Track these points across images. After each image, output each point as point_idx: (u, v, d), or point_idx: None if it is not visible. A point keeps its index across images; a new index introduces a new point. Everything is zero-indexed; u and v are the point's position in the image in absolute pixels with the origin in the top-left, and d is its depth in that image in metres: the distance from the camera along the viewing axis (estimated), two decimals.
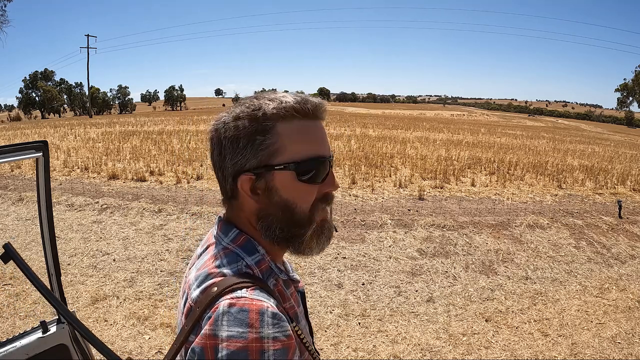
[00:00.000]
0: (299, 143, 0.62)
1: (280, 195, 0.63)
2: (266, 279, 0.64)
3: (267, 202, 0.64)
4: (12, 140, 12.99)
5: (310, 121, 0.64)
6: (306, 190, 0.64)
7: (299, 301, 0.73)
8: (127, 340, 2.80)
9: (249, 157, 0.62)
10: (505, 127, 29.14)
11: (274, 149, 0.61)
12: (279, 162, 0.62)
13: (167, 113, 47.07)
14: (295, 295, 0.72)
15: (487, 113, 71.30)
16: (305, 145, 0.63)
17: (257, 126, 0.61)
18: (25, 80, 58.12)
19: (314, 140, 0.64)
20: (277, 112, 0.61)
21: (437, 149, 12.02)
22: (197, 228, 4.96)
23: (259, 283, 0.59)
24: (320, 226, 0.67)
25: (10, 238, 4.62)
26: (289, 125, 0.62)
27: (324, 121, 0.68)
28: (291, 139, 0.62)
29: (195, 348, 0.54)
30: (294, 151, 0.62)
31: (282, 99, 0.63)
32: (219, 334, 0.52)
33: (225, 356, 0.51)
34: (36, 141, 1.32)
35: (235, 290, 0.56)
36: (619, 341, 2.97)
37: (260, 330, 0.52)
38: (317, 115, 0.65)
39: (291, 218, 0.64)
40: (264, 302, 0.55)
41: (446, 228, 5.14)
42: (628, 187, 8.13)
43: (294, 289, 0.72)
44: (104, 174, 7.71)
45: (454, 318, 3.23)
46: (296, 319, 0.67)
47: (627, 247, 4.85)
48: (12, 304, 3.22)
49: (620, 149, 17.72)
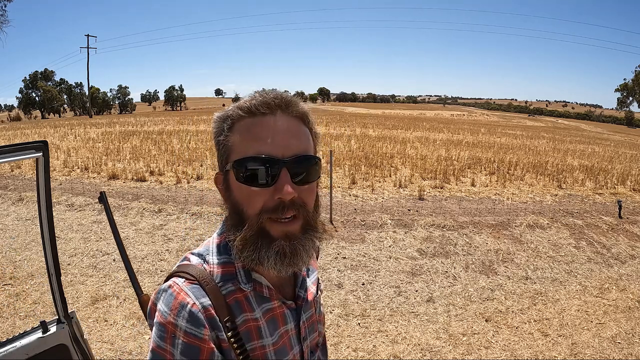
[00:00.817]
0: (243, 141, 0.61)
1: (234, 196, 0.63)
2: (222, 281, 0.64)
3: (228, 202, 0.65)
4: (12, 140, 12.99)
5: (260, 117, 0.60)
6: (248, 193, 0.60)
7: (284, 319, 0.70)
8: (127, 340, 2.80)
9: (219, 156, 0.65)
10: (505, 127, 29.14)
11: (228, 148, 0.62)
12: (229, 162, 0.62)
13: (167, 113, 47.07)
14: (278, 312, 0.69)
15: (487, 113, 71.29)
16: (247, 144, 0.60)
17: (221, 126, 0.64)
18: (25, 80, 58.12)
19: (255, 138, 0.60)
20: (233, 112, 0.62)
21: (437, 149, 12.02)
22: (197, 228, 4.96)
23: (205, 281, 0.62)
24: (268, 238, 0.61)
25: (10, 238, 4.62)
26: (241, 123, 0.62)
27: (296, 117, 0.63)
28: (240, 138, 0.61)
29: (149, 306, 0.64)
30: (239, 150, 0.61)
31: (246, 99, 0.62)
32: (157, 304, 0.62)
33: (155, 324, 0.60)
34: (36, 141, 1.32)
35: (179, 276, 0.63)
36: (619, 341, 2.97)
37: (177, 318, 0.58)
38: (266, 112, 0.60)
39: (241, 222, 0.62)
40: (190, 298, 0.60)
41: (446, 228, 5.14)
42: (628, 187, 8.13)
43: (278, 304, 0.69)
44: (104, 174, 7.71)
45: (454, 318, 3.22)
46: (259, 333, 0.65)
47: (627, 247, 4.85)
48: (12, 304, 3.22)
49: (620, 149, 17.72)
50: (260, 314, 0.66)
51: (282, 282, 0.73)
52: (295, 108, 0.63)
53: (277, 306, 0.69)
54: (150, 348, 0.60)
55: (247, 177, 0.60)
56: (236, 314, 0.64)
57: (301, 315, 0.74)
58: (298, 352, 0.73)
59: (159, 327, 0.59)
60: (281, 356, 0.69)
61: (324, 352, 0.85)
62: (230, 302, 0.63)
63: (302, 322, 0.74)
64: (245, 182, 0.60)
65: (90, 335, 2.82)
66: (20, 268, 3.83)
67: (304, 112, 0.64)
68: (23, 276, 3.67)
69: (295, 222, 0.62)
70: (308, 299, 0.76)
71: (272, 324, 0.68)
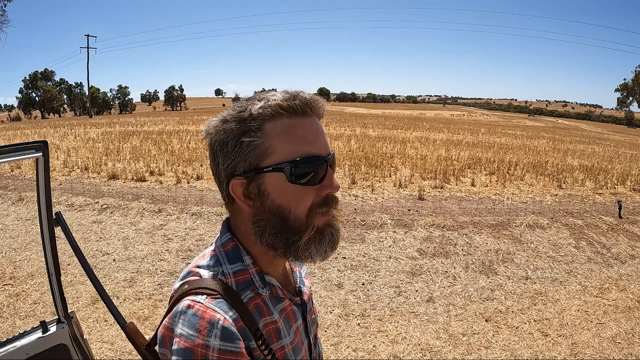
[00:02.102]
0: (288, 142, 0.59)
1: (273, 199, 0.60)
2: (241, 290, 0.63)
3: (260, 207, 0.61)
4: (12, 140, 12.99)
5: (300, 118, 0.60)
6: (300, 194, 0.60)
7: (295, 316, 0.71)
8: (127, 340, 2.80)
9: (238, 160, 0.59)
10: (505, 127, 29.14)
11: (262, 150, 0.59)
12: (268, 164, 0.59)
13: (167, 113, 47.06)
14: (289, 310, 0.70)
15: (487, 113, 71.30)
16: (295, 144, 0.59)
17: (243, 127, 0.59)
18: (25, 80, 58.14)
19: (304, 138, 0.59)
20: (263, 111, 0.58)
21: (437, 149, 12.02)
22: (197, 228, 4.96)
23: (226, 293, 0.60)
24: (319, 232, 0.62)
25: (10, 238, 4.62)
26: (277, 124, 0.59)
27: (320, 118, 0.63)
28: (280, 139, 0.58)
29: (158, 334, 0.60)
30: (283, 151, 0.59)
31: (270, 97, 0.60)
32: (175, 329, 0.57)
33: (176, 351, 0.55)
34: (36, 141, 1.32)
35: (197, 293, 0.59)
36: (619, 341, 2.97)
37: (207, 339, 0.55)
38: (306, 112, 0.60)
39: (285, 224, 0.61)
40: (218, 314, 0.57)
41: (446, 228, 5.14)
42: (628, 187, 8.13)
43: (288, 303, 0.70)
44: (104, 174, 7.71)
45: (454, 318, 3.23)
46: (278, 335, 0.66)
47: (627, 247, 4.85)
48: (12, 304, 3.23)
49: (620, 148, 17.72)
50: (277, 316, 0.67)
51: (285, 279, 0.73)
52: (323, 109, 0.63)
53: (287, 304, 0.70)
54: None
55: (300, 176, 0.59)
56: (258, 319, 0.63)
57: (308, 310, 0.75)
58: (307, 346, 0.74)
59: (185, 354, 0.55)
60: (297, 354, 0.69)
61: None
62: (252, 310, 0.63)
63: (307, 317, 0.75)
64: (300, 182, 0.59)
65: (90, 335, 2.82)
66: (20, 268, 3.83)
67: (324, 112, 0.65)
68: (23, 276, 3.67)
69: (331, 211, 0.64)
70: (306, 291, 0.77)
71: (287, 323, 0.69)
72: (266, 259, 0.66)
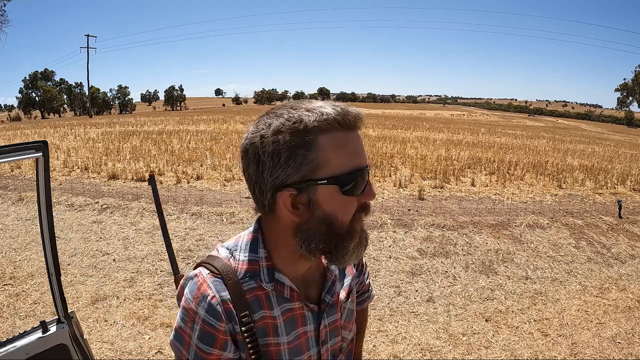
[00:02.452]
0: (341, 156, 0.61)
1: (323, 209, 0.62)
2: (244, 277, 0.68)
3: (309, 216, 0.63)
4: (12, 140, 12.99)
5: (350, 132, 0.63)
6: (348, 203, 0.63)
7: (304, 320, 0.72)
8: (127, 340, 2.80)
9: (290, 172, 0.60)
10: (505, 127, 29.14)
11: (317, 163, 0.60)
12: (322, 177, 0.60)
13: (167, 113, 47.07)
14: (298, 313, 0.71)
15: (487, 113, 71.28)
16: (347, 158, 0.61)
17: (298, 140, 0.59)
18: (25, 80, 58.12)
19: (354, 152, 0.63)
20: (319, 125, 0.59)
21: (437, 149, 12.02)
22: (197, 228, 4.96)
23: (226, 276, 0.66)
24: (360, 236, 0.67)
25: (10, 238, 4.62)
26: (331, 137, 0.60)
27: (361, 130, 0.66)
28: (334, 152, 0.60)
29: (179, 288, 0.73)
30: (337, 164, 0.61)
31: (322, 110, 0.60)
32: (185, 289, 0.69)
33: (181, 306, 0.68)
34: (36, 141, 1.32)
35: (205, 267, 0.69)
36: (619, 341, 2.97)
37: (197, 307, 0.65)
38: (357, 126, 0.63)
39: (332, 231, 0.64)
40: (211, 290, 0.65)
41: (446, 228, 5.14)
42: (628, 187, 8.13)
43: (299, 305, 0.71)
44: (104, 174, 7.71)
45: (454, 318, 3.23)
46: (275, 331, 0.69)
47: (627, 247, 4.85)
48: (12, 304, 3.23)
49: (620, 148, 17.72)
50: (279, 313, 0.70)
51: (308, 283, 0.75)
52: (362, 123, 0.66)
53: (297, 307, 0.71)
54: (174, 327, 0.69)
55: (354, 188, 0.62)
56: (254, 309, 0.67)
57: (323, 319, 0.75)
58: (315, 354, 0.75)
59: (183, 311, 0.67)
60: (295, 355, 0.72)
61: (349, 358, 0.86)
62: (250, 298, 0.67)
63: (322, 326, 0.75)
64: (349, 193, 0.62)
65: (90, 335, 2.82)
66: (20, 268, 3.83)
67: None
68: (23, 276, 3.67)
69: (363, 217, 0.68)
70: (334, 303, 0.77)
71: (290, 324, 0.71)
72: (290, 260, 0.69)
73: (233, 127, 18.05)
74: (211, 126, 18.26)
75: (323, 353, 0.77)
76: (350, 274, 0.84)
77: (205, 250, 4.34)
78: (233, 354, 0.67)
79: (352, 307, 0.83)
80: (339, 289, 0.79)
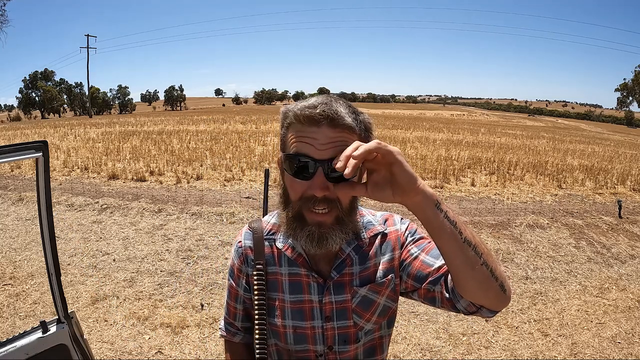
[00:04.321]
0: (294, 141, 0.72)
1: (284, 179, 0.77)
2: (267, 234, 0.89)
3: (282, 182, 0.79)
4: (12, 140, 12.99)
5: (308, 127, 0.71)
6: (292, 182, 0.74)
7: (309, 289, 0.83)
8: (127, 340, 2.80)
9: (280, 139, 0.78)
10: (505, 127, 29.14)
11: (286, 140, 0.75)
12: (285, 152, 0.75)
13: (167, 113, 47.06)
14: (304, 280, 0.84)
15: (487, 113, 71.29)
16: (296, 144, 0.72)
17: (283, 122, 0.76)
18: (25, 80, 58.10)
19: (302, 142, 0.71)
20: (292, 114, 0.73)
21: (437, 149, 12.02)
22: (197, 228, 4.96)
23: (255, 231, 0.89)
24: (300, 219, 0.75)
25: (10, 238, 4.62)
26: (294, 125, 0.73)
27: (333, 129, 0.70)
28: (293, 137, 0.73)
29: None
30: (290, 146, 0.73)
31: (302, 105, 0.73)
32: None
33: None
34: (36, 141, 1.32)
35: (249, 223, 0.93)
36: (619, 341, 2.97)
37: (233, 248, 0.94)
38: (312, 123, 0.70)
39: (287, 201, 0.77)
40: (240, 237, 0.92)
41: None
42: (628, 187, 8.13)
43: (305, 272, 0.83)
44: (104, 174, 7.71)
45: (454, 318, 3.22)
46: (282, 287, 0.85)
47: (627, 247, 4.85)
48: (12, 304, 3.23)
49: (620, 148, 17.72)
50: (286, 272, 0.85)
51: (320, 257, 0.84)
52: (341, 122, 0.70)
53: (304, 273, 0.84)
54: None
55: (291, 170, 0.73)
56: (269, 263, 0.87)
57: (328, 294, 0.83)
58: (319, 327, 0.84)
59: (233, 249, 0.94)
60: (297, 318, 0.84)
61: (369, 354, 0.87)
62: (267, 253, 0.87)
63: (327, 300, 0.83)
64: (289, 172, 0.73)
65: (90, 335, 2.82)
66: (20, 268, 3.83)
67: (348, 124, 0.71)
68: (23, 276, 3.67)
69: (328, 215, 0.73)
70: (343, 283, 0.83)
71: (295, 286, 0.84)
72: None
73: (233, 127, 18.06)
74: (211, 126, 18.26)
75: (327, 329, 0.83)
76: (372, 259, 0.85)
77: (205, 250, 4.34)
78: (244, 292, 0.90)
79: (373, 298, 0.84)
80: (354, 270, 0.84)
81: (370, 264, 0.85)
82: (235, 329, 0.95)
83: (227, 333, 0.96)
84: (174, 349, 2.72)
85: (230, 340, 0.96)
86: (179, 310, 3.20)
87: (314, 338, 0.83)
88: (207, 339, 2.84)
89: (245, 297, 0.91)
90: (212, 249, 4.39)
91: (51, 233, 1.44)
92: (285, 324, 0.84)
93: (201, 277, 3.74)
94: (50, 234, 1.44)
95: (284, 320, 0.84)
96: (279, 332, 0.84)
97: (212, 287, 3.57)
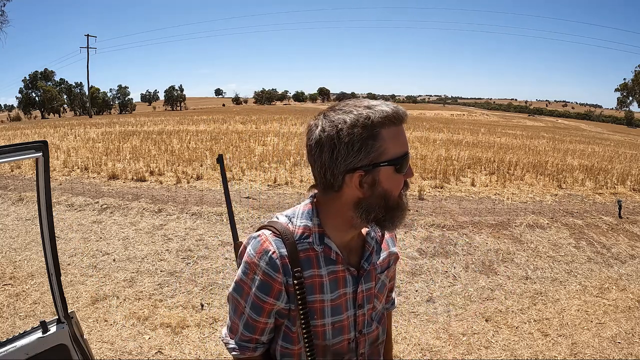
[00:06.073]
0: (396, 145, 0.78)
1: (382, 186, 0.79)
2: (299, 239, 0.83)
3: (370, 192, 0.79)
4: (12, 140, 12.99)
5: (401, 126, 0.80)
6: (399, 180, 0.81)
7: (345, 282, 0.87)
8: (127, 340, 2.80)
9: (361, 157, 0.76)
10: (505, 127, 29.14)
11: (381, 150, 0.77)
12: (384, 160, 0.77)
13: (167, 113, 47.06)
14: (340, 275, 0.86)
15: (487, 113, 71.31)
16: (399, 146, 0.79)
17: (369, 133, 0.76)
18: (25, 80, 58.14)
19: (403, 141, 0.80)
20: (382, 121, 0.76)
21: (437, 149, 12.01)
22: (197, 228, 4.96)
23: (285, 236, 0.82)
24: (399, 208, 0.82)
25: (10, 238, 4.62)
26: (389, 130, 0.77)
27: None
28: (392, 142, 0.78)
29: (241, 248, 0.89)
30: (393, 151, 0.78)
31: (382, 109, 0.77)
32: (247, 246, 0.85)
33: (242, 261, 0.85)
34: (36, 141, 1.32)
35: (268, 229, 0.85)
36: (619, 341, 2.97)
37: (259, 260, 0.82)
38: (405, 121, 0.80)
39: (387, 203, 0.80)
40: (271, 247, 0.81)
41: (446, 228, 5.14)
42: (628, 187, 8.13)
43: (342, 268, 0.86)
44: (104, 174, 7.71)
45: (454, 318, 3.23)
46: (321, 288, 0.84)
47: (627, 247, 4.85)
48: (12, 304, 3.23)
49: (620, 148, 17.72)
50: (325, 273, 0.85)
51: (350, 250, 0.89)
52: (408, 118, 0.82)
53: (340, 269, 0.86)
54: (235, 280, 0.86)
55: (402, 168, 0.80)
56: (305, 267, 0.83)
57: (360, 284, 0.89)
58: (352, 315, 0.90)
59: (245, 265, 0.84)
60: (336, 313, 0.87)
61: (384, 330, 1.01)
62: (302, 257, 0.83)
63: (359, 290, 0.89)
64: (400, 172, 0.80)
65: (90, 335, 2.82)
66: (20, 268, 3.83)
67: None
68: (23, 276, 3.67)
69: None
70: (371, 271, 0.91)
71: (333, 284, 0.86)
72: (340, 229, 0.84)
73: (233, 127, 18.06)
74: (211, 126, 18.26)
75: (359, 316, 0.91)
76: (385, 250, 0.97)
77: (206, 250, 4.35)
78: (284, 304, 0.84)
79: (386, 282, 0.98)
80: (375, 260, 0.93)
81: (385, 252, 0.97)
82: (258, 344, 0.90)
83: (245, 350, 0.89)
84: (174, 349, 2.72)
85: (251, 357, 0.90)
86: (179, 310, 3.20)
87: (349, 327, 0.90)
88: (207, 339, 2.84)
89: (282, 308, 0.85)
90: (212, 249, 4.39)
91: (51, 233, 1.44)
92: (325, 322, 0.87)
93: (201, 277, 3.74)
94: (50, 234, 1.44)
95: (323, 319, 0.86)
96: (318, 332, 0.87)
97: (212, 287, 3.57)
